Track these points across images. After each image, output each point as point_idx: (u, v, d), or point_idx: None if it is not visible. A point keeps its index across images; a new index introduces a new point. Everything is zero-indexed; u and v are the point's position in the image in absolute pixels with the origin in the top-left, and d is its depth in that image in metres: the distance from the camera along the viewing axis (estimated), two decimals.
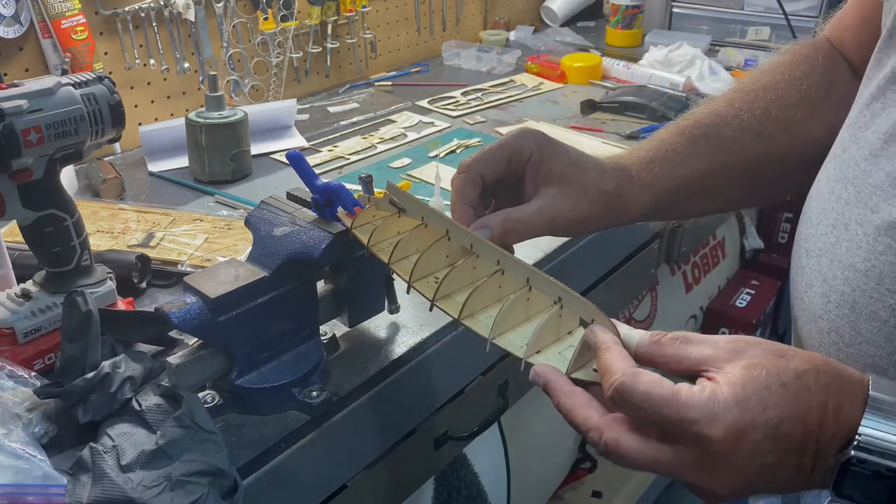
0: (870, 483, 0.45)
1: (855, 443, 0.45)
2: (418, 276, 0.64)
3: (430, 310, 0.63)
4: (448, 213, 0.68)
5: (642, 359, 0.50)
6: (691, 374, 0.48)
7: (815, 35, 0.79)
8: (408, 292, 0.65)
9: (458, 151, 1.36)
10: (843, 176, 0.60)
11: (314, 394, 0.71)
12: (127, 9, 1.29)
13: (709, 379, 0.47)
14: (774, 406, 0.45)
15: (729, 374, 0.46)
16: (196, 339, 0.71)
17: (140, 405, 0.65)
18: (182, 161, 1.26)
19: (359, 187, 0.76)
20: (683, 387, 0.47)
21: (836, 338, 0.57)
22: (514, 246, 0.65)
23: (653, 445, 0.48)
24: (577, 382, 0.53)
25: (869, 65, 0.63)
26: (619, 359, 0.49)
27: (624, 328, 0.52)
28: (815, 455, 0.46)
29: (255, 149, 1.30)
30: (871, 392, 0.46)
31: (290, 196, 0.79)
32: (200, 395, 0.71)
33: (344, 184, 0.74)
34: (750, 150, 0.72)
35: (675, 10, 2.05)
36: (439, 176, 1.11)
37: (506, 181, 0.67)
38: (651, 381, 0.47)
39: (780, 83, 0.73)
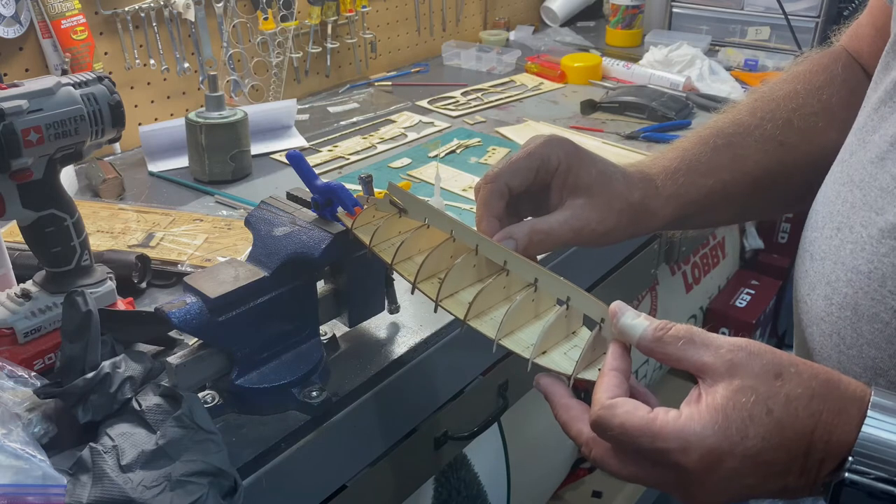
0: (865, 502, 0.45)
1: (847, 465, 0.45)
2: (422, 277, 0.64)
3: (435, 311, 0.63)
4: (448, 213, 0.68)
5: (643, 352, 0.51)
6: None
7: (831, 44, 0.79)
8: (412, 293, 0.65)
9: (458, 151, 1.36)
10: (849, 179, 0.60)
11: (314, 394, 0.71)
12: (127, 9, 1.29)
13: (698, 392, 0.48)
14: (755, 436, 0.45)
15: (716, 395, 0.46)
16: (196, 339, 0.71)
17: (140, 405, 0.65)
18: (182, 161, 1.26)
19: (359, 187, 0.76)
20: (659, 413, 0.47)
21: (838, 340, 0.57)
22: None
23: (635, 467, 0.49)
24: (583, 383, 0.54)
25: (877, 69, 0.63)
26: (599, 389, 0.50)
27: (629, 317, 0.52)
28: (801, 476, 0.46)
29: (255, 149, 1.30)
30: (873, 397, 0.46)
31: (290, 196, 0.79)
32: (200, 395, 0.71)
33: (344, 184, 0.74)
34: (772, 159, 0.71)
35: (675, 10, 2.05)
36: (439, 176, 1.11)
37: (531, 191, 0.66)
38: (626, 412, 0.48)
39: (801, 93, 0.73)
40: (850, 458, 0.45)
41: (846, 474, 0.45)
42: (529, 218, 0.68)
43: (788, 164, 0.72)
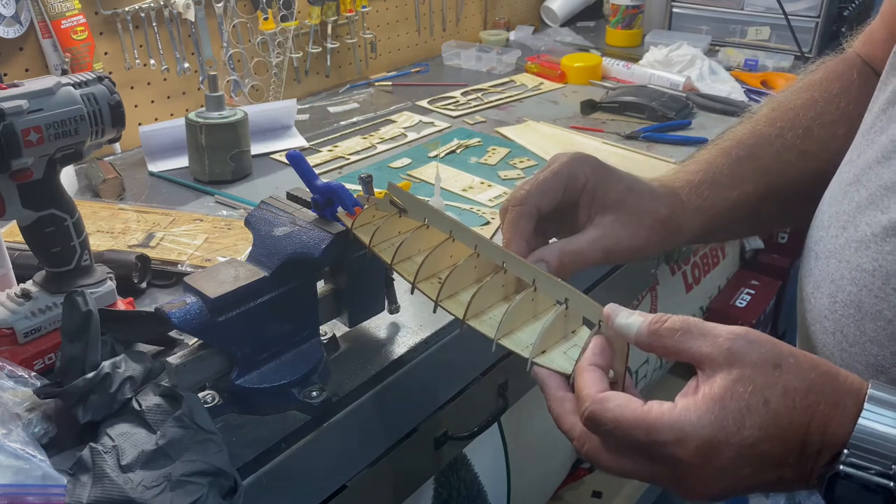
0: (860, 495, 0.45)
1: (843, 457, 0.45)
2: (422, 277, 0.65)
3: (434, 311, 0.63)
4: (448, 213, 0.68)
5: (642, 348, 0.50)
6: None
7: (843, 50, 0.79)
8: (412, 293, 0.65)
9: (458, 151, 1.35)
10: (856, 179, 0.60)
11: (314, 394, 0.71)
12: (127, 9, 1.29)
13: (695, 384, 0.48)
14: (751, 426, 0.45)
15: (714, 386, 0.46)
16: (196, 339, 0.71)
17: (140, 405, 0.65)
18: (182, 161, 1.26)
19: (359, 187, 0.76)
20: (653, 405, 0.47)
21: (841, 337, 0.57)
22: None
23: (628, 461, 0.49)
24: None
25: (885, 70, 0.63)
26: (591, 383, 0.50)
27: (622, 317, 0.52)
28: (797, 468, 0.46)
29: (255, 149, 1.30)
30: (870, 390, 0.46)
31: (290, 196, 0.79)
32: (200, 395, 0.71)
33: (344, 184, 0.74)
34: (795, 169, 0.71)
35: (675, 10, 2.05)
36: (439, 176, 1.11)
37: (559, 209, 0.66)
38: (619, 406, 0.47)
39: (819, 101, 0.73)
40: (845, 451, 0.45)
41: (841, 467, 0.45)
42: (554, 239, 0.67)
43: (811, 173, 0.71)
